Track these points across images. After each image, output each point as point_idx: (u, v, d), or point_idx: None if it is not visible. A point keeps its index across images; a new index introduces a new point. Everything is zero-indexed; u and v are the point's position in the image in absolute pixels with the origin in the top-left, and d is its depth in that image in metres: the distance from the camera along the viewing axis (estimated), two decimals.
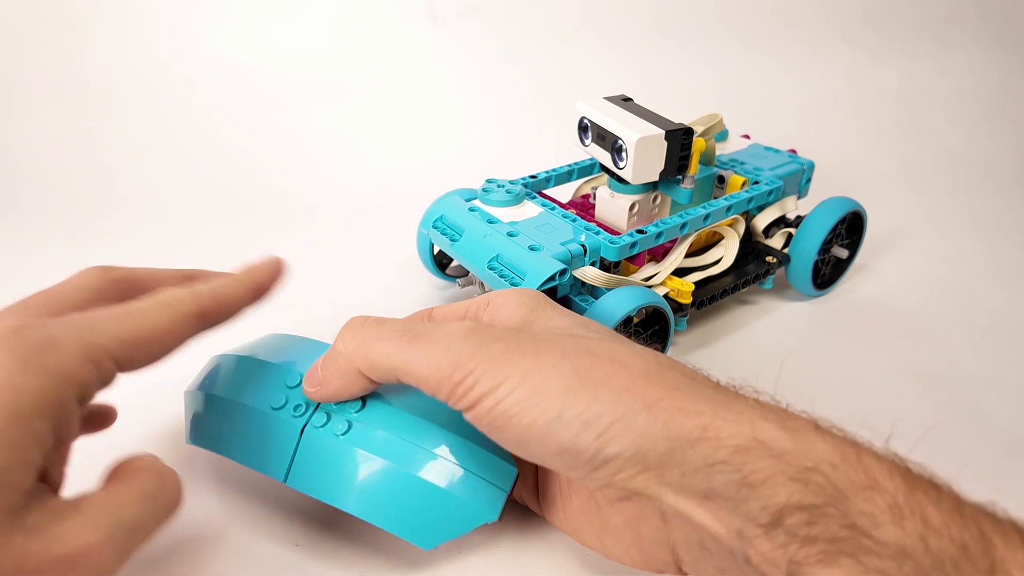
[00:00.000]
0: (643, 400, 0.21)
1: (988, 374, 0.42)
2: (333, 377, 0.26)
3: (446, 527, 0.26)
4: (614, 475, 0.21)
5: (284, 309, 0.48)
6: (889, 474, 0.19)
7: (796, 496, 0.19)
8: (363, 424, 0.26)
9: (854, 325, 0.47)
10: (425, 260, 0.48)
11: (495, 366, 0.22)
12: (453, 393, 0.23)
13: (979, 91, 0.83)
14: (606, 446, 0.21)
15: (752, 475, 0.20)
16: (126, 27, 0.74)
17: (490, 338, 0.23)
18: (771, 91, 0.82)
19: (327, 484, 0.26)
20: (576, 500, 0.27)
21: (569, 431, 0.21)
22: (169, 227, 0.60)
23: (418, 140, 0.74)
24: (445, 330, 0.24)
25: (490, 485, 0.27)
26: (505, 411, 0.22)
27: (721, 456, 0.20)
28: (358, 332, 0.25)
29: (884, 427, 0.25)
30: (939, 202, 0.67)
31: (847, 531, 0.18)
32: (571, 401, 0.21)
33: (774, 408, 0.22)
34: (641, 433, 0.21)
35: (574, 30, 0.81)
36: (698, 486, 0.20)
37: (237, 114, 0.73)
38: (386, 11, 0.78)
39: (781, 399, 0.23)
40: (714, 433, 0.20)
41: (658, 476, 0.21)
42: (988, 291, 0.52)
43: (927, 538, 0.18)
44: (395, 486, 0.26)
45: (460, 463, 0.26)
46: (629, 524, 0.25)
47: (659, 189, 0.43)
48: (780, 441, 0.20)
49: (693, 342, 0.45)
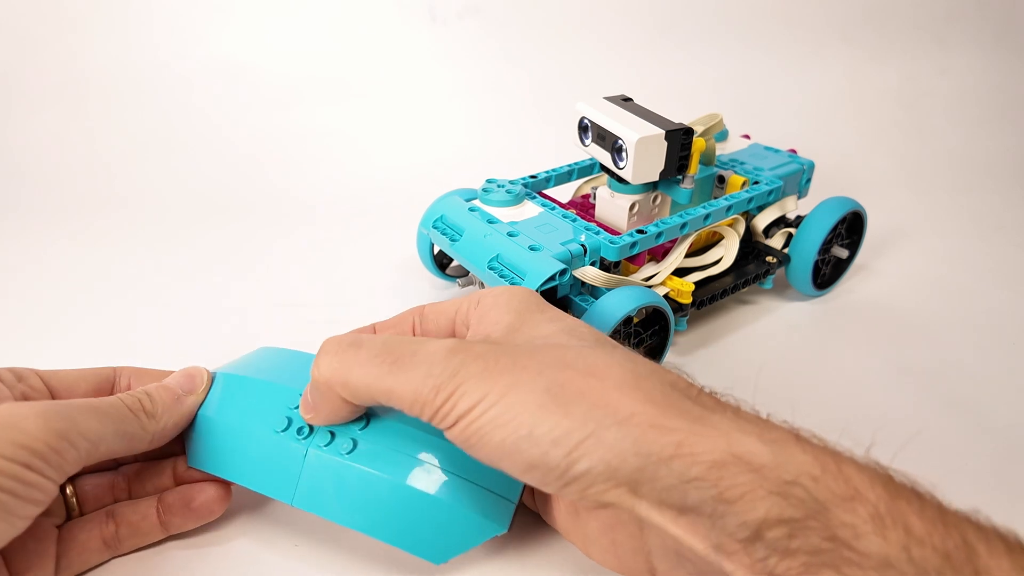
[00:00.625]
0: (614, 416, 0.21)
1: (988, 374, 0.42)
2: (320, 404, 0.26)
3: (456, 541, 0.26)
4: (585, 490, 0.21)
5: (284, 309, 0.48)
6: (871, 484, 0.19)
7: (776, 510, 0.19)
8: (368, 442, 0.26)
9: (854, 325, 0.47)
10: (425, 260, 0.48)
11: (473, 385, 0.22)
12: (436, 415, 0.23)
13: (979, 91, 0.83)
14: (576, 463, 0.21)
15: (729, 491, 0.19)
16: (126, 27, 0.74)
17: (470, 357, 0.23)
18: (771, 91, 0.82)
19: (335, 504, 0.26)
20: (562, 504, 0.27)
21: (539, 448, 0.21)
22: (169, 227, 0.60)
23: (418, 140, 0.74)
24: (425, 351, 0.24)
25: (498, 497, 0.27)
26: (478, 429, 0.22)
27: (696, 472, 0.20)
28: (335, 358, 0.25)
29: (885, 427, 0.25)
30: (939, 202, 0.67)
31: (828, 543, 0.18)
32: (542, 418, 0.21)
33: (753, 419, 0.22)
34: (611, 449, 0.21)
35: (574, 30, 0.81)
36: (673, 501, 0.20)
37: (237, 114, 0.73)
38: (386, 11, 0.78)
39: (772, 402, 0.23)
40: (688, 449, 0.20)
41: (631, 490, 0.21)
42: (988, 291, 0.52)
43: (910, 548, 0.18)
44: (403, 504, 0.26)
45: (467, 477, 0.26)
46: (604, 531, 0.25)
47: (659, 189, 0.43)
48: (758, 456, 0.20)
49: (693, 342, 0.45)
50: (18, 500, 0.22)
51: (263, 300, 0.49)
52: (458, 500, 0.26)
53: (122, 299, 0.49)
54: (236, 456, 0.28)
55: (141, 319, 0.46)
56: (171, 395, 0.28)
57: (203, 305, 0.48)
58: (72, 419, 0.24)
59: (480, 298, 0.29)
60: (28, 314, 0.47)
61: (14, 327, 0.45)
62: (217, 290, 0.50)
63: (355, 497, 0.26)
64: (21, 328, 0.45)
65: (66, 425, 0.23)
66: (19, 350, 0.43)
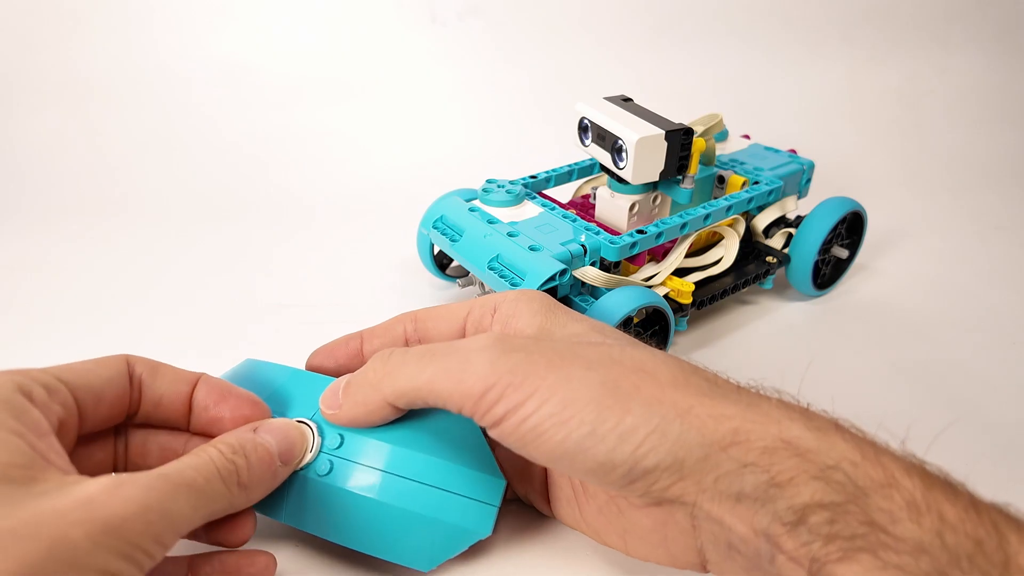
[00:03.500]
0: (675, 409, 0.21)
1: (988, 374, 0.42)
2: (358, 404, 0.26)
3: (440, 549, 0.27)
4: (651, 486, 0.21)
5: (284, 310, 0.48)
6: (906, 472, 0.20)
7: (819, 495, 0.19)
8: (344, 462, 0.26)
9: (854, 325, 0.47)
10: (425, 260, 0.48)
11: (519, 379, 0.22)
12: (477, 408, 0.23)
13: (979, 91, 0.83)
14: (643, 459, 0.21)
15: (779, 475, 0.20)
16: (126, 27, 0.74)
17: (512, 349, 0.23)
18: (771, 91, 0.82)
19: (319, 521, 0.26)
20: (593, 503, 0.27)
21: (604, 445, 0.21)
22: (169, 227, 0.60)
23: (418, 140, 0.74)
24: (468, 347, 0.24)
25: (479, 504, 0.27)
26: (535, 427, 0.22)
27: (751, 458, 0.20)
28: (387, 362, 0.25)
29: (886, 426, 0.25)
30: (939, 202, 0.67)
31: (866, 528, 0.19)
32: (603, 414, 0.21)
33: (797, 408, 0.22)
34: (677, 442, 0.21)
35: (574, 30, 0.81)
36: (730, 489, 0.21)
37: (237, 114, 0.74)
38: (386, 11, 0.78)
39: (801, 399, 0.23)
40: (744, 436, 0.21)
41: (695, 483, 0.21)
42: (988, 291, 0.52)
43: (943, 534, 0.18)
44: (385, 519, 0.26)
45: (446, 487, 0.27)
46: (656, 527, 0.25)
47: (659, 189, 0.43)
48: (804, 440, 0.20)
49: (693, 342, 0.45)
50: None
51: (263, 300, 0.49)
52: (438, 511, 0.26)
53: (122, 299, 0.49)
54: None
55: (141, 319, 0.46)
56: (270, 466, 0.25)
57: (203, 305, 0.48)
58: (170, 516, 0.20)
59: (496, 304, 0.28)
60: (28, 314, 0.47)
61: (15, 327, 0.45)
62: (217, 290, 0.50)
63: (337, 515, 0.26)
64: (22, 328, 0.45)
65: (164, 526, 0.20)
66: (20, 350, 0.43)
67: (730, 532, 0.21)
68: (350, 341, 0.31)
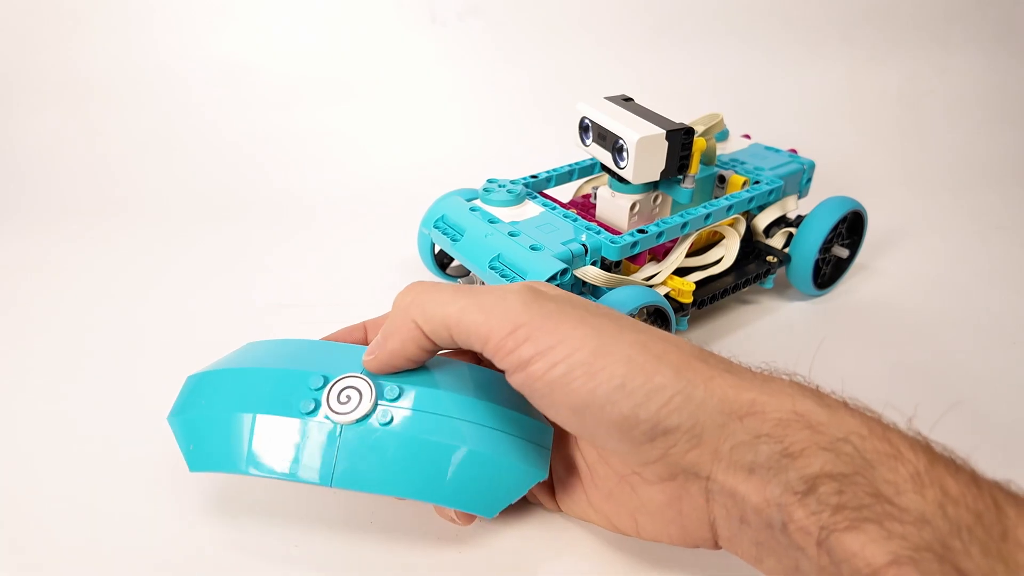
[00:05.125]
0: (700, 376, 0.22)
1: (988, 374, 0.42)
2: (392, 334, 0.26)
3: (503, 493, 0.27)
4: (669, 448, 0.22)
5: (284, 310, 0.48)
6: (911, 447, 0.20)
7: (828, 465, 0.20)
8: (405, 411, 0.26)
9: (854, 325, 0.47)
10: (426, 260, 0.48)
11: (552, 324, 0.23)
12: (503, 344, 0.23)
13: (979, 91, 0.83)
14: (667, 418, 0.22)
15: (792, 446, 0.21)
16: (126, 27, 0.74)
17: (547, 299, 0.24)
18: (771, 91, 0.82)
19: (379, 476, 0.26)
20: (604, 486, 0.27)
21: (632, 400, 0.22)
22: (169, 228, 0.60)
23: (418, 140, 0.74)
24: (502, 290, 0.24)
25: (535, 445, 0.28)
26: (565, 374, 0.22)
27: (766, 429, 0.21)
28: (416, 288, 0.26)
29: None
30: (939, 202, 0.67)
31: (872, 498, 0.19)
32: (634, 371, 0.22)
33: (810, 388, 0.23)
34: (700, 407, 0.22)
35: (574, 30, 0.81)
36: (744, 459, 0.22)
37: (237, 114, 0.73)
38: (386, 11, 0.78)
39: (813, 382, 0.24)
40: (760, 408, 0.22)
41: (711, 451, 0.22)
42: (988, 291, 0.52)
43: (945, 506, 0.19)
44: (451, 464, 0.26)
45: (505, 430, 0.27)
46: (671, 502, 0.25)
47: (660, 189, 0.43)
48: (816, 414, 0.21)
49: (694, 341, 0.45)
50: None
51: (263, 300, 0.49)
52: (502, 453, 0.26)
53: (122, 299, 0.49)
54: (254, 448, 0.26)
55: (141, 319, 0.46)
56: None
57: (204, 305, 0.48)
58: None
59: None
60: (28, 314, 0.47)
61: (15, 327, 0.45)
62: (217, 290, 0.50)
63: (401, 466, 0.26)
64: (22, 328, 0.45)
65: None
66: (20, 350, 0.43)
67: (743, 503, 0.22)
68: (353, 331, 0.31)
